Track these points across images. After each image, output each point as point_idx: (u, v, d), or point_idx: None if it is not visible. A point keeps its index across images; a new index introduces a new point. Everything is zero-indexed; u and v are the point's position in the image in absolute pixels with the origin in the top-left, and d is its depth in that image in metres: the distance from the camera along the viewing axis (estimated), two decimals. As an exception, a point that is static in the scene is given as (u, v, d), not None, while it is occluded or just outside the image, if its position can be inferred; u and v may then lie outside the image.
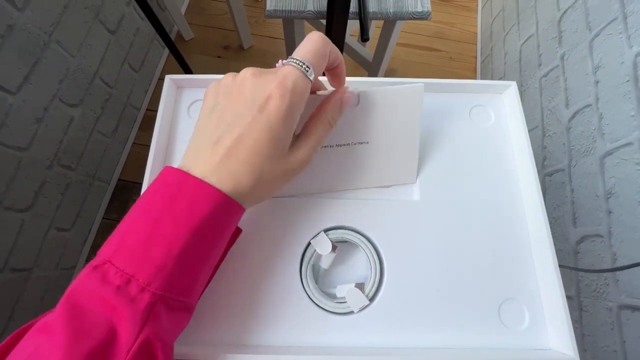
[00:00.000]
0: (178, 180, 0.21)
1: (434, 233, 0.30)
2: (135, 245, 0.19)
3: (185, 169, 0.21)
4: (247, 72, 0.22)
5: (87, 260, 1.00)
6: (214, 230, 0.21)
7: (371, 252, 0.29)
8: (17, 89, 0.69)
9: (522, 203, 0.32)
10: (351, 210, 0.31)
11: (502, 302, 0.28)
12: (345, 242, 0.30)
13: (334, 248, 0.29)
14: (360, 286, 0.28)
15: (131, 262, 0.19)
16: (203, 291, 0.25)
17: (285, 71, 0.22)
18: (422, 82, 0.29)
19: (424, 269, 0.29)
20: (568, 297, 0.67)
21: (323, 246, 0.29)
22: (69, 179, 0.88)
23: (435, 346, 0.27)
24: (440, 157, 0.33)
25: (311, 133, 0.24)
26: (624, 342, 0.55)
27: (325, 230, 0.30)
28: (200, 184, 0.20)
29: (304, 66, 0.22)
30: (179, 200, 0.20)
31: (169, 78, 0.33)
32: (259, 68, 0.23)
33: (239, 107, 0.22)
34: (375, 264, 0.29)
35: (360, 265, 0.31)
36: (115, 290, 0.18)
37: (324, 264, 0.29)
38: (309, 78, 0.22)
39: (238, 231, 0.27)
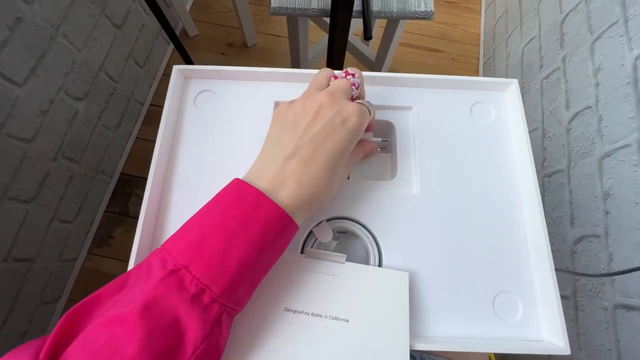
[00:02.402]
0: (256, 202, 0.22)
1: (432, 226, 0.31)
2: (211, 258, 0.21)
3: (257, 182, 0.23)
4: (323, 97, 0.26)
5: (89, 252, 1.01)
6: (279, 249, 0.24)
7: (371, 243, 0.30)
8: (24, 81, 0.70)
9: (519, 198, 0.32)
10: (352, 201, 0.31)
11: (497, 294, 0.29)
12: (346, 232, 0.31)
13: (335, 237, 0.29)
14: (359, 275, 0.29)
15: (206, 273, 0.20)
16: None
17: (358, 104, 0.27)
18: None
19: (421, 260, 0.30)
20: (564, 297, 0.67)
21: (324, 235, 0.29)
22: (72, 172, 0.89)
23: (430, 335, 0.28)
24: (441, 152, 0.34)
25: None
26: (619, 341, 0.56)
27: (327, 220, 0.30)
28: (275, 209, 0.22)
29: (370, 109, 0.28)
30: (253, 221, 0.22)
31: (176, 68, 0.34)
32: (327, 91, 0.27)
33: (319, 125, 0.25)
34: (374, 255, 0.30)
35: (359, 255, 0.31)
36: (191, 299, 0.20)
37: (325, 253, 0.30)
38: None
39: None
